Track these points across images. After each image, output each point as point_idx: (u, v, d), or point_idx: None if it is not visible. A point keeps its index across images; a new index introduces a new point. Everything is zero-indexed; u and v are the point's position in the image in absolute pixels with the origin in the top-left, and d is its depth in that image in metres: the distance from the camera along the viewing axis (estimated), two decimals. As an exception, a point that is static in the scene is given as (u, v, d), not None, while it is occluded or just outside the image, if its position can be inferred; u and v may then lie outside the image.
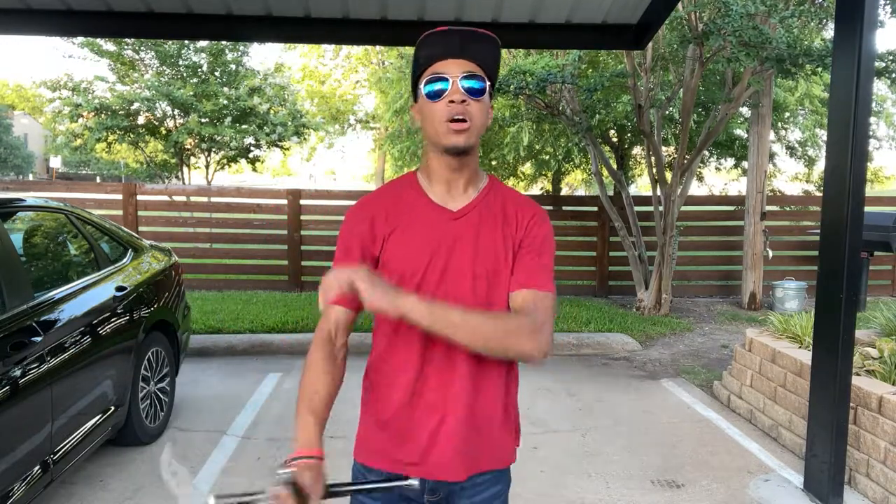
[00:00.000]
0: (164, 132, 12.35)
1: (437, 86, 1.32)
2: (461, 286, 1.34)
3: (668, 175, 7.78)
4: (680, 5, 6.31)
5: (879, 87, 12.69)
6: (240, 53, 12.90)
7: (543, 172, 13.76)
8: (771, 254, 8.41)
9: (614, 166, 9.94)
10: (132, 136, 12.30)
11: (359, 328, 1.48)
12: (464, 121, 1.31)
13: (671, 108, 8.93)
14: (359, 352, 1.75)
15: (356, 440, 1.47)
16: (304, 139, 14.06)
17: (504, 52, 8.42)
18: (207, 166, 12.87)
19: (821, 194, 11.45)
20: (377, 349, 1.43)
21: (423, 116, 1.37)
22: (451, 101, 1.30)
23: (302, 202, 8.70)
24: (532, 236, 1.39)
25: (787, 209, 9.83)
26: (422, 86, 1.35)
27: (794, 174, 13.93)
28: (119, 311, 3.57)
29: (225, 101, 11.92)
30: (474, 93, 1.32)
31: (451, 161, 1.36)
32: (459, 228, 1.37)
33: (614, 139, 11.28)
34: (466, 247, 1.36)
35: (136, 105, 11.70)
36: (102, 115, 11.56)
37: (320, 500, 1.15)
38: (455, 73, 1.31)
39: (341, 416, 1.57)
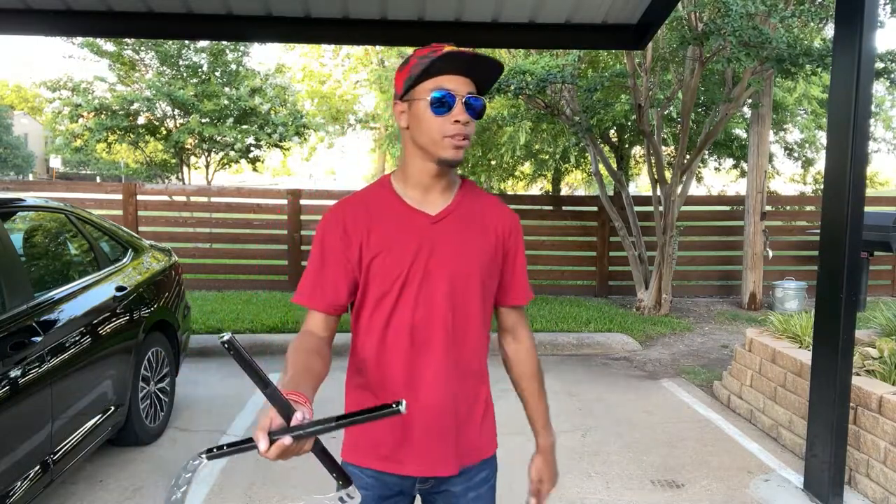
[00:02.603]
0: (164, 132, 12.34)
1: (445, 100, 1.34)
2: (439, 288, 1.40)
3: (668, 175, 7.79)
4: (680, 5, 6.30)
5: (878, 88, 12.69)
6: (240, 53, 12.86)
7: (542, 173, 13.74)
8: (771, 254, 8.40)
9: (614, 166, 9.93)
10: (132, 136, 12.29)
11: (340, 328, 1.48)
12: (465, 139, 1.37)
13: (671, 108, 8.93)
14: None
15: (344, 441, 1.50)
16: (305, 139, 14.06)
17: (504, 52, 8.45)
18: (207, 166, 12.86)
19: (815, 195, 11.45)
20: (363, 353, 1.46)
21: (416, 121, 1.37)
22: (457, 121, 1.34)
23: (302, 202, 8.70)
24: (511, 245, 1.51)
25: (783, 209, 9.82)
26: (427, 96, 1.34)
27: (791, 175, 13.93)
28: (119, 312, 3.57)
29: (226, 102, 11.91)
30: (475, 112, 1.37)
31: (437, 169, 1.40)
32: (439, 232, 1.41)
33: (614, 139, 11.26)
34: (446, 250, 1.41)
35: (136, 105, 11.69)
36: (102, 116, 11.54)
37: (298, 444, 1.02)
38: (462, 91, 1.35)
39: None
